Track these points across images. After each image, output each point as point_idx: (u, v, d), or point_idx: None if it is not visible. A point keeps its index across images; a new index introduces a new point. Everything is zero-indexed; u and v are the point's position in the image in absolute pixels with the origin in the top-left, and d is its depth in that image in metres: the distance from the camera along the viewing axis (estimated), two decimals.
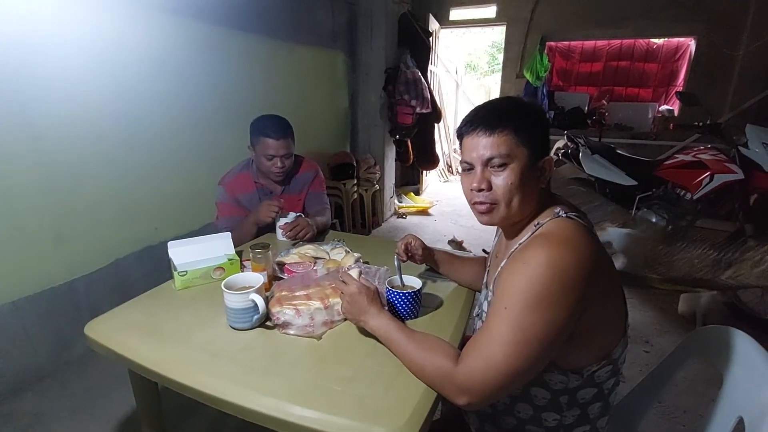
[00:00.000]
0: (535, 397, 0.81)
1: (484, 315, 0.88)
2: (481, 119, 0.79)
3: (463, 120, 0.83)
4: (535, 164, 0.78)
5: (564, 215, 0.78)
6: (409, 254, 1.16)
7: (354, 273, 0.95)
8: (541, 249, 0.69)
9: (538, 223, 0.80)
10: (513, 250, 0.82)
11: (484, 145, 0.77)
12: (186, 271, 1.12)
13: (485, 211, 0.81)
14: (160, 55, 2.12)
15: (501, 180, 0.77)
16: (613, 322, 0.78)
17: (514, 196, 0.78)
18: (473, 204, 0.83)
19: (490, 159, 0.77)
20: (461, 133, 0.83)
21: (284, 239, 1.51)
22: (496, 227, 0.98)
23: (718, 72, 4.22)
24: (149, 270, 2.19)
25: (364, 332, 0.89)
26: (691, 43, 4.54)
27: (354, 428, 0.66)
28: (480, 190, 0.79)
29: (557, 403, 0.80)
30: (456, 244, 3.52)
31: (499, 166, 0.77)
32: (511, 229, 0.86)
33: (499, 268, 0.83)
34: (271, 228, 1.57)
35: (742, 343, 0.83)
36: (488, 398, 0.69)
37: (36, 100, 1.65)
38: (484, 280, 0.98)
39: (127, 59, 1.96)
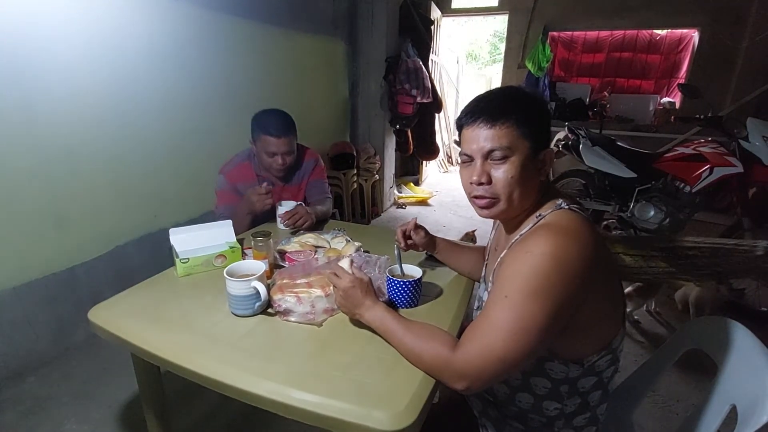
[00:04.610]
0: (536, 386, 0.81)
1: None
2: (482, 110, 0.77)
3: (463, 110, 0.81)
4: (536, 156, 0.77)
5: (566, 207, 0.77)
6: (409, 242, 1.15)
7: (345, 263, 0.92)
8: (545, 239, 0.69)
9: (539, 215, 0.79)
10: (513, 241, 0.81)
11: (485, 137, 0.76)
12: (188, 258, 1.13)
13: (485, 205, 0.80)
14: (158, 40, 2.10)
15: (501, 173, 0.76)
16: (613, 312, 0.79)
17: (514, 189, 0.77)
18: (472, 197, 0.82)
19: (491, 151, 0.76)
20: (461, 124, 0.81)
21: (284, 228, 1.51)
22: (493, 220, 0.98)
23: (721, 64, 4.19)
24: (149, 257, 2.19)
25: (361, 323, 0.89)
26: (694, 35, 4.50)
27: (354, 412, 0.67)
28: (480, 184, 0.78)
29: (557, 392, 0.80)
30: (468, 236, 3.51)
31: (500, 158, 0.76)
32: (511, 222, 0.86)
33: (499, 260, 0.83)
34: (271, 217, 1.57)
35: (737, 333, 0.84)
36: (485, 383, 0.70)
37: (34, 85, 1.63)
38: (483, 273, 0.98)
39: (124, 44, 1.94)
